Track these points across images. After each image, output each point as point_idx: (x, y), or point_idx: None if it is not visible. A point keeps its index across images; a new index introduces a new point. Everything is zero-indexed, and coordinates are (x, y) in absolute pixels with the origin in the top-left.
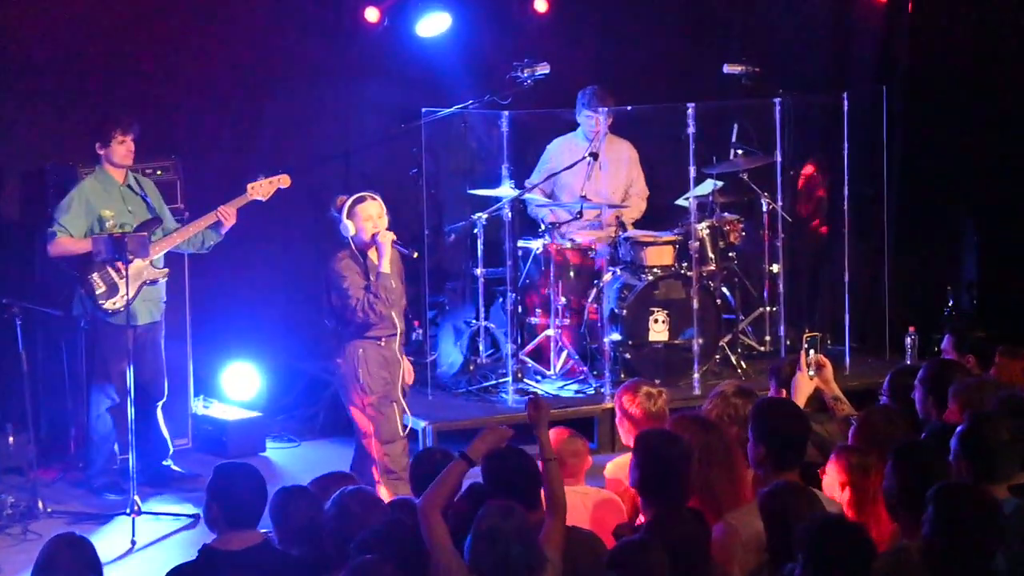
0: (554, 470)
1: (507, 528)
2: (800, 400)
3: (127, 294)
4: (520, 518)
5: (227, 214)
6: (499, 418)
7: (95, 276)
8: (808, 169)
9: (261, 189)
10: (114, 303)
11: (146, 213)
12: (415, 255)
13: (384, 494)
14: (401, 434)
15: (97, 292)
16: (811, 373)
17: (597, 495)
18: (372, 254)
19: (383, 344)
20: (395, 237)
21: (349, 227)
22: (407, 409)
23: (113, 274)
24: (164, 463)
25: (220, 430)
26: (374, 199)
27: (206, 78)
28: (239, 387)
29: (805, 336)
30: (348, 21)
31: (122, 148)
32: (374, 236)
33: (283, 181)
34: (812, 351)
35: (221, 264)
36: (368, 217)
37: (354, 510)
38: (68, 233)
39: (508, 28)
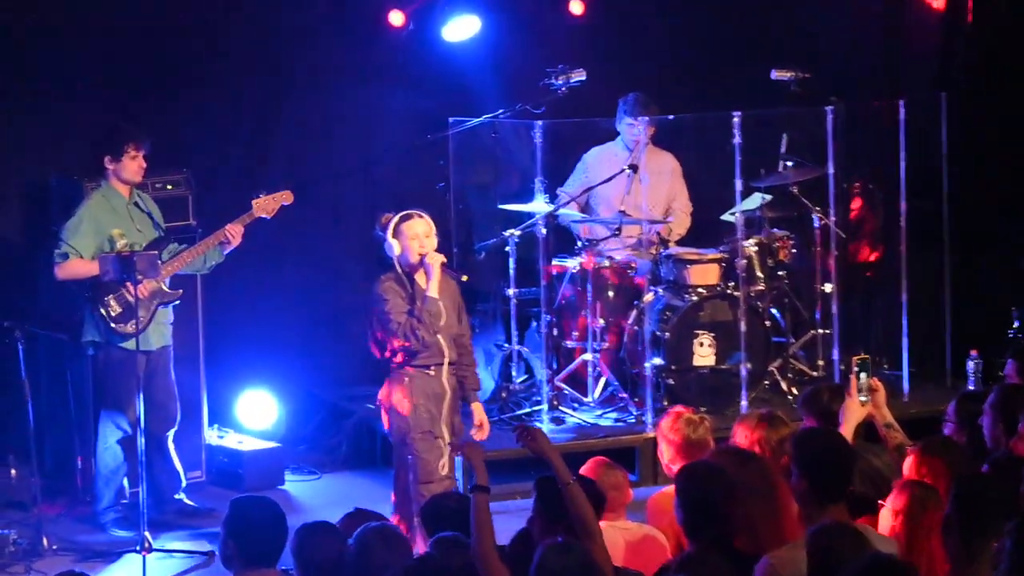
0: (576, 494)
1: (572, 566)
2: (849, 427)
3: (142, 317)
4: (582, 554)
5: (234, 233)
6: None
7: (111, 299)
8: (856, 203)
9: (266, 206)
10: (131, 326)
11: (152, 231)
12: (465, 279)
13: (419, 541)
14: (442, 475)
15: (113, 315)
16: (863, 398)
17: (639, 531)
18: (420, 277)
19: (432, 373)
20: (445, 259)
21: (394, 247)
22: (454, 448)
23: (128, 296)
24: (176, 497)
25: (236, 462)
26: (421, 217)
27: (218, 86)
28: (256, 416)
29: (855, 359)
30: (370, 25)
31: (134, 164)
32: (422, 258)
33: (286, 197)
34: (863, 374)
35: (236, 285)
36: (415, 236)
37: (377, 549)
38: (78, 254)
39: (541, 32)
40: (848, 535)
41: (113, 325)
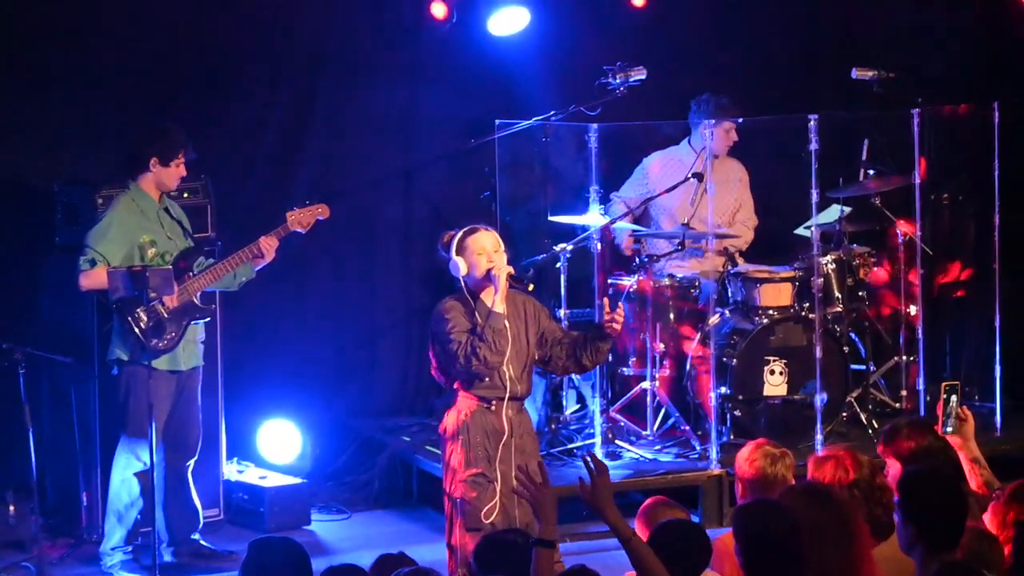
0: (639, 548)
1: None
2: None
3: (173, 333)
4: None
5: (268, 247)
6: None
7: (141, 311)
8: (944, 216)
9: (301, 219)
10: (162, 342)
11: (184, 240)
12: (531, 287)
13: None
14: (486, 523)
15: (143, 328)
16: (948, 428)
17: None
18: (487, 296)
19: (492, 408)
20: (512, 271)
21: (460, 265)
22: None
23: (161, 309)
24: (193, 537)
25: (257, 499)
26: (488, 230)
27: (240, 84)
28: (279, 448)
29: (944, 384)
30: (410, 18)
31: (176, 172)
32: (488, 272)
33: (322, 211)
34: (952, 400)
35: (259, 303)
36: (481, 251)
37: None
38: (106, 262)
39: (598, 25)
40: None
41: (143, 340)
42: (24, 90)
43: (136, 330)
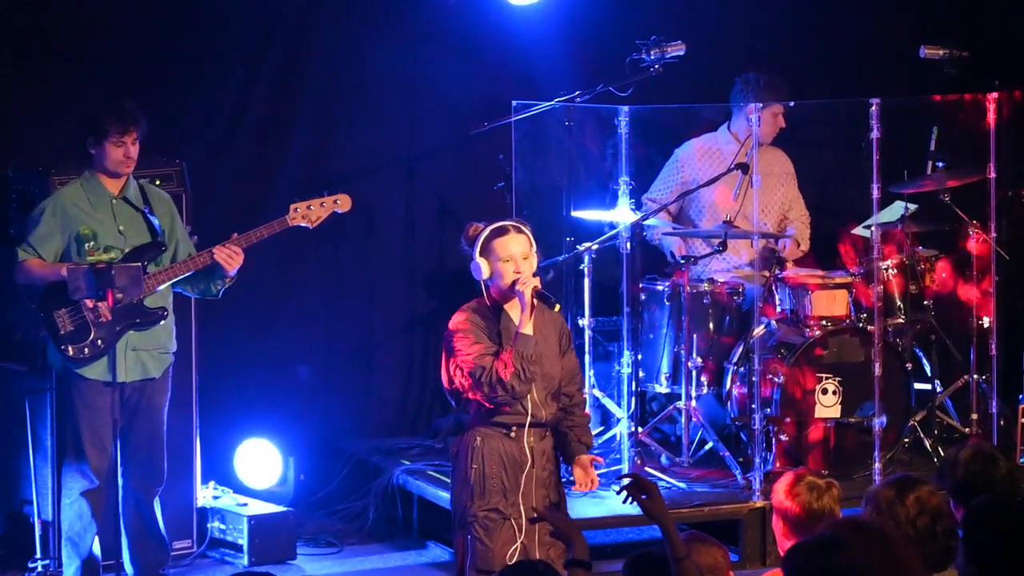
0: (690, 571)
1: None
2: None
3: (100, 339)
4: None
5: (227, 257)
6: (611, 521)
7: (62, 312)
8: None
9: (310, 213)
10: (81, 349)
11: (145, 235)
12: (557, 307)
13: None
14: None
15: (61, 333)
16: None
17: None
18: (512, 308)
19: (512, 435)
20: (539, 284)
21: (483, 268)
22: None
23: (87, 312)
24: (160, 572)
25: (236, 529)
26: (520, 231)
27: (220, 57)
28: (261, 472)
29: (1022, 408)
30: None
31: (118, 152)
32: (513, 283)
33: (340, 204)
34: None
35: (240, 306)
36: (508, 257)
37: None
38: (36, 254)
39: None
40: None
41: (63, 347)
42: None
43: (57, 334)
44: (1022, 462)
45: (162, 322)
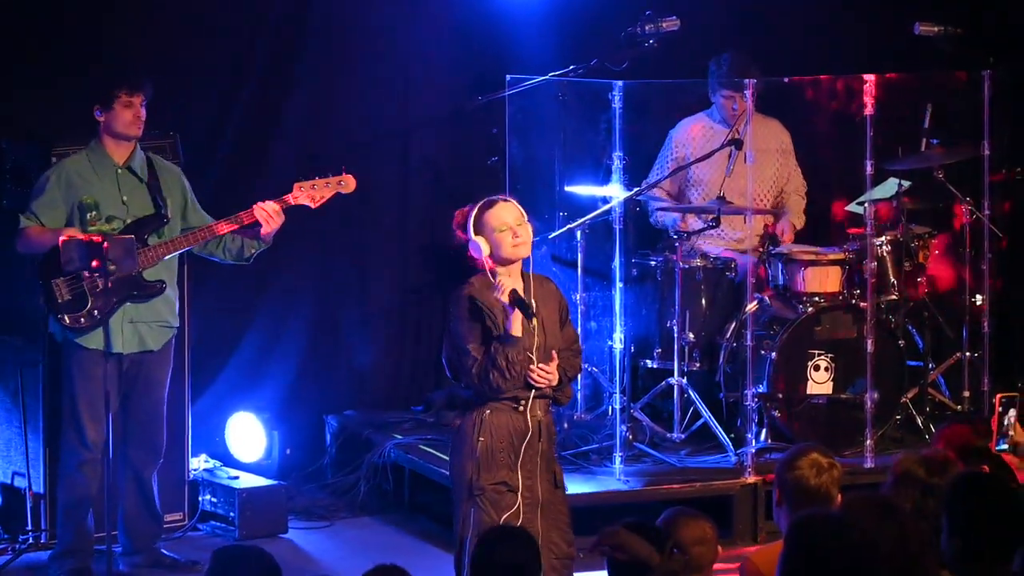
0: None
1: None
2: None
3: (98, 309)
4: None
5: (269, 215)
6: (603, 496)
7: (59, 282)
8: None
9: (313, 192)
10: (78, 319)
11: (148, 206)
12: (533, 322)
13: None
14: None
15: (58, 302)
16: (1003, 446)
17: None
18: (510, 278)
19: (520, 408)
20: (518, 291)
21: (481, 245)
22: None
23: (85, 282)
24: (152, 545)
25: (228, 502)
26: (507, 201)
27: (216, 33)
28: (253, 445)
29: (999, 396)
30: None
31: (128, 113)
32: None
33: (344, 184)
34: (1009, 415)
35: (232, 279)
36: (503, 226)
37: None
38: (38, 222)
39: None
40: None
41: (61, 316)
42: None
43: (54, 302)
44: (998, 449)
45: (161, 295)
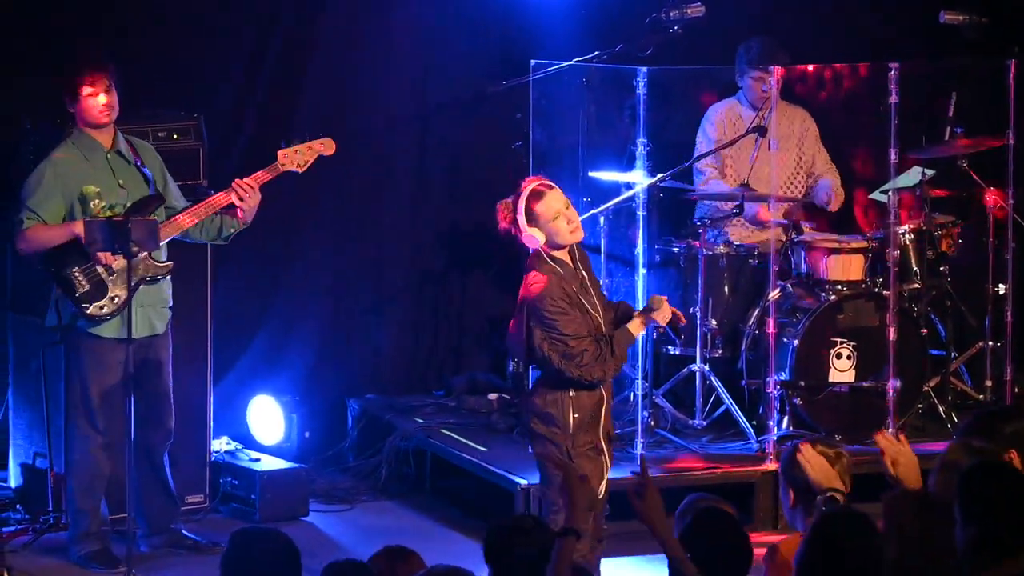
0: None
1: None
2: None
3: (118, 296)
4: None
5: (244, 189)
6: (623, 482)
7: (76, 272)
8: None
9: (297, 158)
10: (101, 307)
11: (144, 188)
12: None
13: None
14: (601, 497)
15: (78, 293)
16: None
17: None
18: (567, 262)
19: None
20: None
21: (537, 236)
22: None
23: (100, 270)
24: (172, 526)
25: (248, 485)
26: (553, 188)
27: (237, 13)
28: (274, 428)
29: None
30: None
31: (94, 103)
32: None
33: (324, 146)
34: None
35: (254, 262)
36: (556, 215)
37: None
38: (40, 219)
39: None
40: None
41: (84, 306)
42: None
43: (73, 293)
44: None
45: (166, 277)
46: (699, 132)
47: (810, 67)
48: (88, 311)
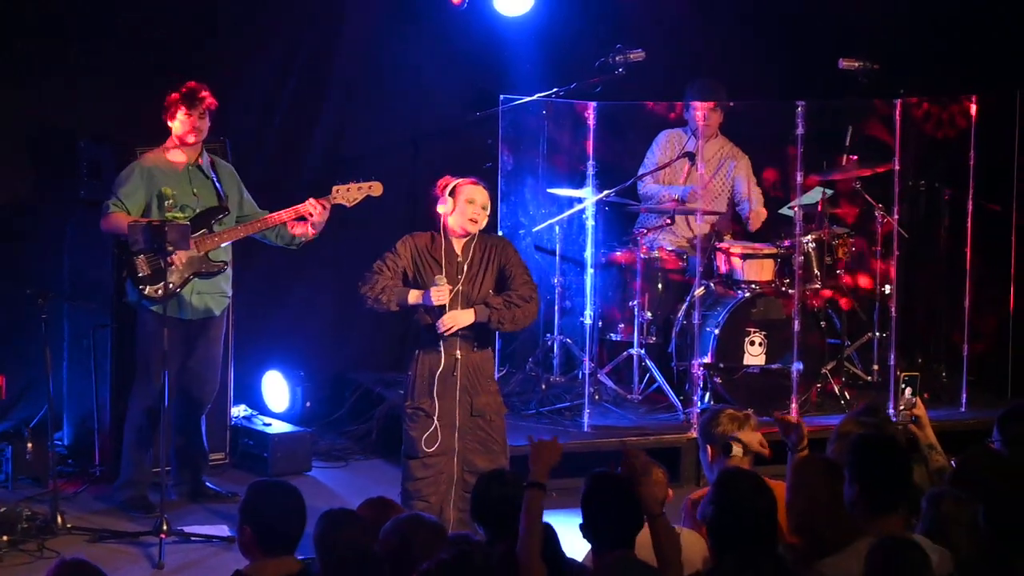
0: (663, 527)
1: None
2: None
3: (173, 283)
4: None
5: (314, 206)
6: (573, 445)
7: (141, 258)
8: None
9: (348, 195)
10: (157, 290)
11: (213, 199)
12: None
13: None
14: (426, 451)
15: (140, 275)
16: (899, 417)
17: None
18: (457, 243)
19: (441, 347)
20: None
21: (448, 202)
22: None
23: (162, 260)
24: (200, 478)
25: (262, 445)
26: (483, 187)
27: (260, 55)
28: (283, 397)
29: (903, 374)
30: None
31: (186, 124)
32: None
33: (373, 189)
34: (909, 391)
35: (269, 260)
36: (471, 200)
37: (418, 540)
38: (124, 208)
39: (599, 9)
40: (911, 550)
41: (142, 287)
42: (46, 47)
43: (136, 275)
44: (896, 421)
45: (223, 271)
46: (648, 152)
47: (730, 103)
48: (145, 292)
